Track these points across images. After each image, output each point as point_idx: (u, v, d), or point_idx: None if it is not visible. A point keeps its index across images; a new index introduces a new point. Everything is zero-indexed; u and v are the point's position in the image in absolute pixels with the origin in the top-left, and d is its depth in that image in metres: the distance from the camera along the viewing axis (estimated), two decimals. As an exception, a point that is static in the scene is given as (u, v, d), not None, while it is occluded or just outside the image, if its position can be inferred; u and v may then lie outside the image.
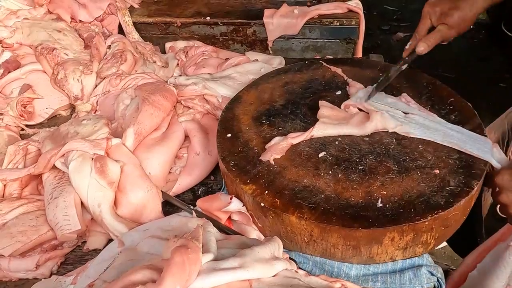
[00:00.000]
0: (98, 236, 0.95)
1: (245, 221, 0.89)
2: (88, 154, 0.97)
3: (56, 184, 0.98)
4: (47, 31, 1.46)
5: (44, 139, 1.13)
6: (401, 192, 0.80)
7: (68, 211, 0.91)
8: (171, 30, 1.71)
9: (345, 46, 1.63)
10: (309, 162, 0.89)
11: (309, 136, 0.94)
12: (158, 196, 0.99)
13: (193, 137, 1.15)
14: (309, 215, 0.78)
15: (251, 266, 0.58)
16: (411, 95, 1.04)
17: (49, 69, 1.38)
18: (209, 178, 1.12)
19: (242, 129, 1.01)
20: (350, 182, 0.84)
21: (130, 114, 1.15)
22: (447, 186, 0.81)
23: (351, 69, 1.19)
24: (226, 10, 1.73)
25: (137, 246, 0.80)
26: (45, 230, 0.92)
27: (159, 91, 1.18)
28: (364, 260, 0.82)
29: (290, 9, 1.63)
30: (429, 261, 0.84)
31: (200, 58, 1.53)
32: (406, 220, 0.75)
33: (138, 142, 1.07)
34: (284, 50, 1.67)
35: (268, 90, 1.14)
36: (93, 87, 1.36)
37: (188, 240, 0.58)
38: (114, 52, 1.44)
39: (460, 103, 1.02)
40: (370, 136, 0.94)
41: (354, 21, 1.58)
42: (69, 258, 0.93)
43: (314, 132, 0.94)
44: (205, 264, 0.58)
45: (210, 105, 1.25)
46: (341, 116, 0.99)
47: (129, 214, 0.95)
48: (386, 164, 0.87)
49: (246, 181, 0.86)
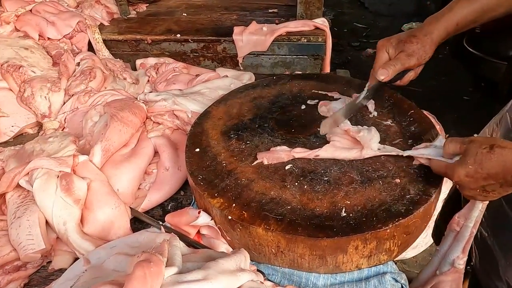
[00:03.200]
0: (64, 255, 0.93)
1: (213, 235, 0.89)
2: (54, 171, 0.96)
3: (20, 203, 0.95)
4: (13, 49, 1.45)
5: (9, 157, 1.11)
6: (364, 201, 0.83)
7: (32, 230, 0.89)
8: (141, 47, 1.72)
9: (313, 62, 1.68)
10: (276, 174, 0.91)
11: (313, 155, 0.94)
12: (127, 213, 0.98)
13: (163, 153, 1.15)
14: (275, 227, 0.79)
15: (214, 278, 0.59)
16: (374, 108, 1.08)
17: (16, 86, 1.36)
18: (178, 194, 1.12)
19: (210, 144, 1.02)
20: (316, 193, 0.86)
21: (99, 130, 1.14)
22: (407, 194, 0.84)
23: (318, 84, 1.22)
24: (196, 27, 1.76)
25: (103, 264, 0.79)
26: (8, 250, 0.90)
27: (128, 107, 1.18)
28: (331, 270, 0.84)
29: (259, 26, 1.67)
30: (393, 268, 0.86)
31: (171, 75, 1.54)
32: (368, 228, 0.77)
33: (106, 158, 1.06)
34: (254, 66, 1.70)
35: (236, 105, 1.16)
36: (61, 104, 1.35)
37: (151, 254, 0.58)
38: (83, 69, 1.43)
39: (420, 115, 1.06)
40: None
41: (320, 38, 1.64)
42: (33, 279, 0.91)
43: (320, 152, 0.94)
44: (168, 278, 0.58)
45: (180, 121, 1.26)
46: (350, 141, 0.97)
47: (96, 232, 0.94)
48: (350, 175, 0.89)
49: (214, 195, 0.87)
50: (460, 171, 0.75)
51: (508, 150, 0.70)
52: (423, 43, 0.94)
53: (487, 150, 0.72)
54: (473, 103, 3.26)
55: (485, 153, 0.72)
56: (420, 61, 0.96)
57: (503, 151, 0.70)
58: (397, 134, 1.00)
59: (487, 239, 0.98)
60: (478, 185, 0.74)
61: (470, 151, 0.74)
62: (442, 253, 1.02)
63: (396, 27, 4.38)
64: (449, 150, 0.80)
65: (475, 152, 0.73)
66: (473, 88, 3.43)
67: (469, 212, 0.96)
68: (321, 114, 1.08)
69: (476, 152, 0.73)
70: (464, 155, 0.76)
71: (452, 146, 0.80)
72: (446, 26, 0.94)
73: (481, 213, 0.97)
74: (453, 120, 2.95)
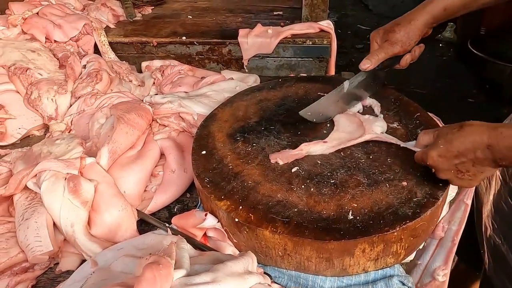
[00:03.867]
0: (71, 257, 0.93)
1: (220, 237, 0.89)
2: (61, 173, 0.96)
3: (28, 205, 0.96)
4: (20, 51, 1.45)
5: (16, 159, 1.11)
6: (371, 204, 0.83)
7: (40, 232, 0.89)
8: (147, 49, 1.73)
9: (318, 64, 1.68)
10: (283, 177, 0.91)
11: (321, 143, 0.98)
12: (133, 215, 0.98)
13: (169, 155, 1.15)
14: (282, 229, 0.79)
15: (223, 281, 0.59)
16: (380, 110, 1.09)
17: (22, 89, 1.37)
18: (185, 196, 1.12)
19: (217, 146, 1.02)
20: (322, 196, 0.86)
21: (105, 133, 1.15)
22: (414, 197, 0.84)
23: (324, 86, 1.23)
24: (201, 30, 1.76)
25: (110, 266, 0.79)
26: (16, 252, 0.90)
27: (134, 109, 1.18)
28: (338, 272, 0.84)
29: (264, 29, 1.68)
30: (400, 271, 0.86)
31: (176, 77, 1.55)
32: (376, 231, 0.77)
33: (112, 161, 1.07)
34: (259, 69, 1.71)
35: (242, 107, 1.17)
36: (67, 106, 1.36)
37: (160, 257, 0.58)
38: (90, 72, 1.44)
39: (426, 117, 1.06)
40: (341, 151, 0.97)
41: (326, 40, 1.64)
42: (40, 281, 0.91)
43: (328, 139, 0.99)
44: (177, 280, 0.58)
45: (186, 123, 1.26)
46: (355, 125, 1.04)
47: (103, 234, 0.94)
48: (357, 178, 0.89)
49: (221, 197, 0.87)
50: (433, 153, 0.79)
51: (476, 127, 0.73)
52: (406, 29, 0.98)
53: (457, 129, 0.75)
54: (478, 105, 3.25)
55: (455, 132, 0.75)
56: (404, 47, 1.00)
57: (471, 128, 0.73)
58: (403, 136, 1.00)
59: (500, 246, 0.97)
60: (451, 163, 0.77)
61: (441, 133, 0.79)
62: (424, 264, 0.99)
63: (400, 29, 4.37)
64: (424, 142, 0.85)
65: (446, 133, 0.78)
66: (477, 90, 3.42)
67: (452, 214, 0.96)
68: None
69: (446, 132, 0.78)
70: (436, 138, 0.80)
71: (426, 137, 0.85)
72: (432, 12, 0.97)
73: (465, 213, 0.96)
74: (457, 122, 2.93)
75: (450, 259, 0.96)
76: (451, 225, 0.95)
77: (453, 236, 0.95)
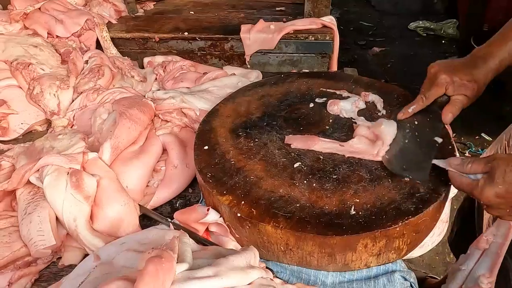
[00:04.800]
0: (74, 252, 0.94)
1: (222, 232, 0.90)
2: (64, 168, 0.97)
3: (30, 199, 0.96)
4: (23, 47, 1.46)
5: (19, 154, 1.12)
6: (373, 199, 0.83)
7: (43, 227, 0.90)
8: (149, 45, 1.72)
9: (320, 60, 1.68)
10: (285, 172, 0.91)
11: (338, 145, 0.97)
12: (135, 210, 0.98)
13: (171, 150, 1.15)
14: (284, 224, 0.79)
15: (225, 275, 0.59)
16: (383, 106, 1.09)
17: (25, 84, 1.37)
18: (187, 191, 1.12)
19: (219, 142, 1.02)
20: (325, 191, 0.85)
21: (107, 128, 1.15)
22: (416, 192, 0.83)
23: (326, 82, 1.22)
24: (203, 25, 1.76)
25: (113, 260, 0.79)
26: (19, 246, 0.91)
27: (137, 105, 1.18)
28: (340, 268, 0.84)
29: (266, 24, 1.67)
30: (402, 266, 0.86)
31: (178, 73, 1.55)
32: (378, 226, 0.77)
33: (115, 156, 1.07)
34: (261, 64, 1.70)
35: (244, 103, 1.16)
36: (69, 102, 1.36)
37: (163, 250, 0.58)
38: (92, 67, 1.44)
39: (429, 113, 1.06)
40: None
41: (328, 36, 1.63)
42: (43, 275, 0.92)
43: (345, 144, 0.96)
44: (179, 274, 0.58)
45: (188, 119, 1.26)
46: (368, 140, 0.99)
47: (106, 228, 0.95)
48: (359, 173, 0.89)
49: (223, 192, 0.87)
50: (489, 192, 0.72)
51: None
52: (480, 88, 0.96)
53: None
54: (480, 102, 3.24)
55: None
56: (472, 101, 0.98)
57: None
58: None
59: (505, 262, 0.96)
60: (509, 205, 0.71)
61: (497, 170, 0.71)
62: (468, 270, 0.96)
63: (403, 25, 4.37)
64: (471, 171, 0.76)
65: (503, 170, 0.70)
66: (480, 87, 3.40)
67: (497, 228, 0.94)
68: (331, 113, 1.08)
69: (504, 170, 0.70)
70: (491, 174, 0.72)
71: (475, 166, 0.75)
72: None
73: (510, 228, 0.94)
74: (459, 120, 2.93)
75: (495, 268, 0.92)
76: (496, 238, 0.94)
77: (499, 248, 0.93)
